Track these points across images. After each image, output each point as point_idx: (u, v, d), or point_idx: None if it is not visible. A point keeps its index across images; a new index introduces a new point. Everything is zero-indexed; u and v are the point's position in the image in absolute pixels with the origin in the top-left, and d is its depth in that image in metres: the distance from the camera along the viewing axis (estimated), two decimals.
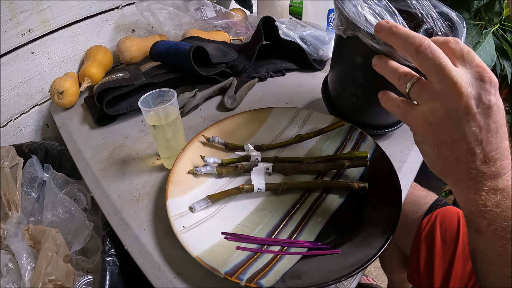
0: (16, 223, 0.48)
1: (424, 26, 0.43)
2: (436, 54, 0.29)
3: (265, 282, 0.34)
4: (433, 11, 0.43)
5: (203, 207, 0.43)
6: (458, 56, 0.30)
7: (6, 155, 0.55)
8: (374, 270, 1.15)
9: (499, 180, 0.29)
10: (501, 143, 0.29)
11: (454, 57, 0.30)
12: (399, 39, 0.31)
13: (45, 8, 0.66)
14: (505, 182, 0.29)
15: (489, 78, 0.28)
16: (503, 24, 0.76)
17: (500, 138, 0.29)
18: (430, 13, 0.42)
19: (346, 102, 0.52)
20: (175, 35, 0.81)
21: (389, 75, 0.33)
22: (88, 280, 0.47)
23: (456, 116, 0.28)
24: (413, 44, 0.30)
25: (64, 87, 0.65)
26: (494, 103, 0.28)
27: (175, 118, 0.47)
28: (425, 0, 0.43)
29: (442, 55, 0.29)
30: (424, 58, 0.29)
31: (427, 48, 0.29)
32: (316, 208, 0.44)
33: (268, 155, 0.51)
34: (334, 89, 0.54)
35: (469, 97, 0.28)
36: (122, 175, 0.52)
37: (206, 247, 0.38)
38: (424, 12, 0.43)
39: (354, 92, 0.49)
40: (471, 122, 0.28)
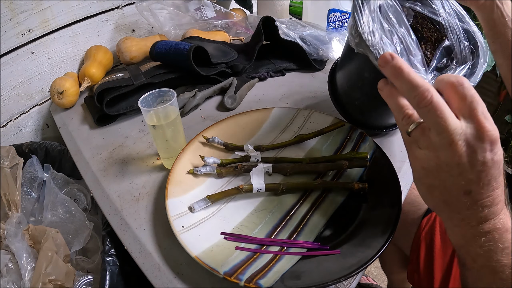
0: (16, 223, 0.48)
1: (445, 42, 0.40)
2: (437, 110, 0.28)
3: (264, 282, 0.34)
4: (459, 28, 0.40)
5: (203, 207, 0.44)
6: (462, 106, 0.29)
7: (6, 155, 0.55)
8: (374, 270, 1.15)
9: (486, 223, 0.30)
10: (492, 192, 0.29)
11: (458, 104, 0.30)
12: (402, 85, 0.30)
13: (45, 8, 0.66)
14: (491, 226, 0.30)
15: (488, 137, 0.28)
16: None
17: (491, 188, 0.29)
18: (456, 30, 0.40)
19: (350, 101, 0.52)
20: (175, 35, 0.81)
21: (394, 109, 0.33)
22: (88, 280, 0.47)
23: (448, 169, 0.29)
24: (415, 96, 0.29)
25: (64, 87, 0.65)
26: (489, 159, 0.28)
27: (175, 118, 0.47)
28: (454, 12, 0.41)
29: (443, 109, 0.28)
30: (425, 112, 0.29)
31: (429, 104, 0.28)
32: (316, 209, 0.44)
33: (268, 156, 0.51)
34: (341, 85, 0.53)
35: (463, 156, 0.28)
36: (122, 175, 0.52)
37: (205, 247, 0.38)
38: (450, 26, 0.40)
39: (360, 96, 0.49)
40: (462, 177, 0.29)
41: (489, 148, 0.28)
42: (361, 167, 0.47)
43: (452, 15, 0.41)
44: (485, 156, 0.28)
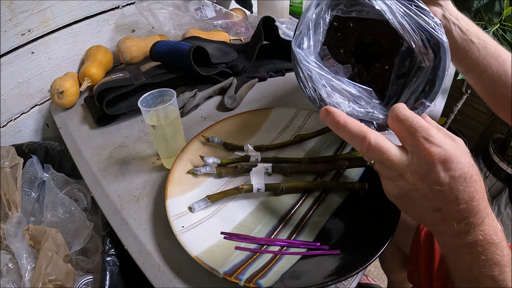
0: (16, 223, 0.48)
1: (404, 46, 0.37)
2: (378, 152, 0.30)
3: (264, 282, 0.34)
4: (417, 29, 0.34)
5: (203, 207, 0.44)
6: (405, 137, 0.30)
7: (6, 155, 0.55)
8: (374, 270, 1.15)
9: (466, 235, 0.30)
10: (465, 206, 0.29)
11: (402, 135, 0.31)
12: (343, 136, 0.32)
13: (45, 8, 0.66)
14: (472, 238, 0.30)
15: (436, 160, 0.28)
16: (503, 24, 0.76)
17: (463, 201, 0.29)
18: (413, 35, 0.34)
19: None
20: (175, 35, 0.81)
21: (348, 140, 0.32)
22: (88, 280, 0.47)
23: (410, 194, 0.30)
24: (356, 145, 0.31)
25: (64, 87, 0.65)
26: (445, 178, 0.28)
27: (175, 118, 0.47)
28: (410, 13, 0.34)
29: (384, 150, 0.30)
30: (370, 156, 0.31)
31: (369, 149, 0.30)
32: (316, 209, 0.44)
33: (267, 156, 0.51)
34: None
35: (417, 183, 0.29)
36: (122, 175, 0.52)
37: (205, 247, 0.38)
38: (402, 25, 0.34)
39: None
40: (425, 199, 0.30)
41: (442, 168, 0.28)
42: (361, 167, 0.47)
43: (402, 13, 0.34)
44: (439, 177, 0.28)
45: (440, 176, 0.28)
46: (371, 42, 0.39)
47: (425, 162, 0.29)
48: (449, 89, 0.71)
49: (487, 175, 1.35)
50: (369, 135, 0.30)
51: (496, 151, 1.31)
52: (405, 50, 0.36)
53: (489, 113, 1.42)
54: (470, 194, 0.29)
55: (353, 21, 0.38)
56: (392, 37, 0.37)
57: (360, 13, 0.36)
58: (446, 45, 0.33)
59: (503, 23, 0.76)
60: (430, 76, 0.34)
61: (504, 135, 1.34)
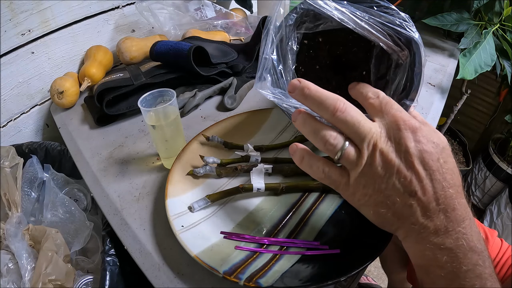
0: (16, 223, 0.48)
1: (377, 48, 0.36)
2: (352, 116, 0.28)
3: (264, 281, 0.34)
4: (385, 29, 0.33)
5: (202, 207, 0.44)
6: (377, 111, 0.29)
7: (6, 155, 0.55)
8: (374, 270, 1.15)
9: (446, 237, 0.27)
10: (443, 191, 0.27)
11: (373, 112, 0.30)
12: (313, 103, 0.30)
13: (45, 8, 0.66)
14: (453, 240, 0.27)
15: (406, 124, 0.28)
16: (503, 24, 0.76)
17: (439, 185, 0.27)
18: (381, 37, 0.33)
19: None
20: (175, 35, 0.81)
21: (309, 137, 0.31)
22: (88, 280, 0.47)
23: (382, 173, 0.28)
24: (328, 108, 0.28)
25: (64, 87, 0.65)
26: (418, 149, 0.27)
27: (175, 118, 0.47)
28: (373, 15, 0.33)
29: (358, 115, 0.28)
30: (341, 121, 0.28)
31: (344, 110, 0.28)
32: (316, 208, 0.44)
33: (267, 156, 0.51)
34: None
35: (388, 152, 0.27)
36: (122, 175, 0.52)
37: (205, 247, 0.38)
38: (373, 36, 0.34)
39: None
40: (397, 175, 0.27)
41: (412, 137, 0.27)
42: None
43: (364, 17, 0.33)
44: (408, 145, 0.27)
45: (410, 144, 0.27)
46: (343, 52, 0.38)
47: (395, 127, 0.28)
48: (449, 89, 0.71)
49: (487, 175, 1.35)
50: (342, 98, 0.29)
51: (496, 151, 1.31)
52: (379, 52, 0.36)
53: (489, 113, 1.42)
54: (446, 179, 0.27)
55: (321, 35, 0.38)
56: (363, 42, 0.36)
57: (326, 26, 0.36)
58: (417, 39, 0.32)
59: (503, 23, 0.76)
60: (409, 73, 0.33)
61: (504, 135, 1.34)
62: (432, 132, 0.29)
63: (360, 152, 0.29)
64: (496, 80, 1.20)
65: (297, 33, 0.37)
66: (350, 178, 0.30)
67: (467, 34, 0.74)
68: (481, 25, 0.76)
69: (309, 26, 0.37)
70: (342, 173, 0.30)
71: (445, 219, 0.27)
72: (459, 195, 0.28)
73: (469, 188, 1.48)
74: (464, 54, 0.71)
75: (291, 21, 0.36)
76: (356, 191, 0.30)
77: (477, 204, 1.45)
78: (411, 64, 0.33)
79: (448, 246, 0.27)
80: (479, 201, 1.43)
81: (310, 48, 0.39)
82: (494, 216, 1.28)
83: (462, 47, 0.72)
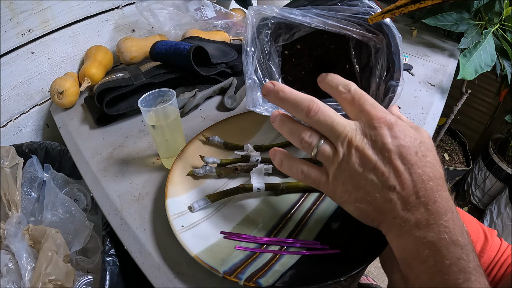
0: (16, 223, 0.48)
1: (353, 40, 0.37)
2: (326, 115, 0.29)
3: (264, 281, 0.34)
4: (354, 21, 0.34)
5: (202, 207, 0.44)
6: (351, 106, 0.30)
7: (6, 155, 0.55)
8: (374, 270, 1.15)
9: (428, 230, 0.27)
10: (422, 184, 0.27)
11: (347, 108, 0.30)
12: (288, 105, 0.30)
13: (45, 8, 0.66)
14: (435, 234, 0.27)
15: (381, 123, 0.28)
16: (503, 24, 0.76)
17: (419, 179, 0.27)
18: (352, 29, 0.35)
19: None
20: (175, 35, 0.81)
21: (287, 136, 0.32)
22: (88, 280, 0.47)
23: (360, 170, 0.28)
24: (303, 109, 0.29)
25: (64, 87, 0.65)
26: (395, 145, 0.27)
27: (175, 118, 0.47)
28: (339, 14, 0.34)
29: (332, 113, 0.29)
30: (316, 122, 0.29)
31: (317, 111, 0.29)
32: (316, 208, 0.44)
33: (268, 156, 0.51)
34: None
35: (364, 148, 0.28)
36: (122, 175, 0.52)
37: (205, 247, 0.38)
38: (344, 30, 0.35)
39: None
40: (374, 171, 0.28)
41: (388, 133, 0.28)
42: None
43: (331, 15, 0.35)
44: (384, 141, 0.27)
45: (387, 140, 0.27)
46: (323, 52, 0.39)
47: (370, 125, 0.28)
48: (449, 89, 0.71)
49: (487, 175, 1.35)
50: (317, 100, 0.29)
51: (496, 151, 1.31)
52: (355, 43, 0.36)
53: (489, 113, 1.42)
54: (425, 172, 0.27)
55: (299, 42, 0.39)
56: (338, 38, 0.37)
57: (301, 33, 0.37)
58: (385, 21, 0.33)
59: (503, 23, 0.76)
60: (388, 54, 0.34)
61: (504, 135, 1.34)
62: (409, 126, 0.29)
63: (335, 149, 0.29)
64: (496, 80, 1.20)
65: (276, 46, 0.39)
66: (329, 175, 0.30)
67: (467, 34, 0.74)
68: (481, 25, 0.76)
69: (285, 37, 0.39)
70: (321, 171, 0.31)
71: (426, 212, 0.27)
72: (441, 188, 0.28)
73: (469, 188, 1.48)
74: (464, 54, 0.71)
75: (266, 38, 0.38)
76: (336, 189, 0.30)
77: (477, 204, 1.45)
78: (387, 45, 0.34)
79: (430, 240, 0.27)
80: (479, 201, 1.43)
81: (292, 56, 0.41)
82: (494, 216, 1.28)
83: (462, 47, 0.72)
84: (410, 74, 0.75)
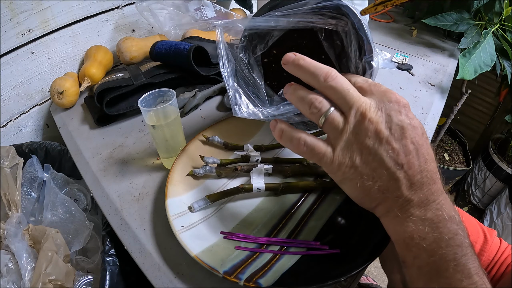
0: (16, 223, 0.48)
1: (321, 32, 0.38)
2: (343, 83, 0.29)
3: (264, 281, 0.34)
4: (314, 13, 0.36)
5: (202, 207, 0.44)
6: (366, 89, 0.30)
7: (6, 155, 0.55)
8: (374, 270, 1.15)
9: (427, 208, 0.28)
10: (426, 165, 0.28)
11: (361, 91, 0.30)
12: (306, 72, 0.30)
13: (45, 8, 0.66)
14: (433, 211, 0.27)
15: (397, 99, 0.28)
16: (503, 24, 0.76)
17: (423, 159, 0.28)
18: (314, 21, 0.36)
19: None
20: (175, 35, 0.81)
21: (301, 103, 0.31)
22: (88, 280, 0.47)
23: (370, 143, 0.28)
24: (320, 75, 0.29)
25: (64, 87, 0.65)
26: (408, 123, 0.28)
27: (175, 118, 0.47)
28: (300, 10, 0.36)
29: (349, 85, 0.29)
30: (332, 87, 0.29)
31: (335, 78, 0.29)
32: (316, 208, 0.44)
33: (267, 156, 0.51)
34: None
35: (378, 122, 0.28)
36: (122, 175, 0.52)
37: (205, 247, 0.38)
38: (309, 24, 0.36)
39: None
40: (385, 146, 0.28)
41: (404, 112, 0.28)
42: None
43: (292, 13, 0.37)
44: (402, 120, 0.28)
45: (402, 118, 0.28)
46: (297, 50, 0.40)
47: (387, 99, 0.28)
48: (449, 89, 0.71)
49: (487, 175, 1.35)
50: (335, 70, 0.30)
51: (496, 151, 1.31)
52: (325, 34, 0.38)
53: (489, 113, 1.42)
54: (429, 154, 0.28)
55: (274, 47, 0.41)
56: (307, 33, 0.39)
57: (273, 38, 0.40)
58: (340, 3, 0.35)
59: (503, 23, 0.76)
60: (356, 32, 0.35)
61: (504, 135, 1.34)
62: None
63: (346, 119, 0.29)
64: (496, 80, 1.20)
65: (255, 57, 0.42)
66: (335, 148, 0.29)
67: (467, 34, 0.74)
68: (481, 25, 0.76)
69: (261, 46, 0.41)
70: (326, 143, 0.30)
71: (427, 191, 0.28)
72: (436, 170, 0.29)
73: (469, 188, 1.48)
74: (464, 54, 0.71)
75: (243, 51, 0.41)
76: (342, 163, 0.29)
77: (477, 204, 1.45)
78: (352, 25, 0.35)
79: (429, 217, 0.27)
80: (479, 201, 1.43)
81: (272, 62, 0.43)
82: (494, 216, 1.28)
83: (462, 47, 0.72)
84: (410, 74, 0.75)
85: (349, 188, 0.31)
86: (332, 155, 0.30)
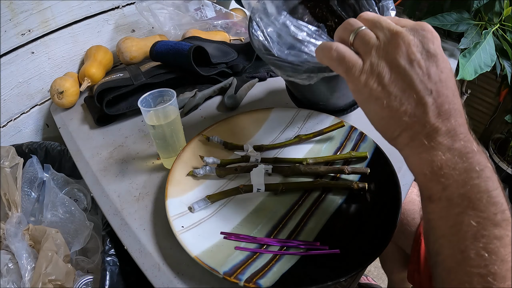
0: (16, 223, 0.48)
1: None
2: (374, 14, 0.30)
3: (264, 282, 0.34)
4: None
5: (202, 207, 0.44)
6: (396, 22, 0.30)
7: (6, 155, 0.55)
8: (374, 270, 1.15)
9: (455, 139, 0.26)
10: (454, 98, 0.27)
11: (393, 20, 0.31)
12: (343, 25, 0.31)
13: (45, 8, 0.66)
14: (462, 143, 0.26)
15: (430, 29, 0.28)
16: (503, 24, 0.76)
17: (451, 91, 0.27)
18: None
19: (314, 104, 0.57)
20: (175, 35, 0.81)
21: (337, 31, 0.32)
22: (88, 280, 0.47)
23: (401, 63, 0.27)
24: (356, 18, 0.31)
25: (64, 87, 0.65)
26: (439, 52, 0.28)
27: (175, 118, 0.47)
28: None
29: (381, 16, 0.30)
30: (365, 18, 0.30)
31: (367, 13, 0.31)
32: (316, 209, 0.44)
33: (267, 156, 0.51)
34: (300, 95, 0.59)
35: (410, 44, 0.27)
36: (122, 175, 0.52)
37: (205, 247, 0.38)
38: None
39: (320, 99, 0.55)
40: (416, 69, 0.27)
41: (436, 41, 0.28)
42: (361, 174, 0.46)
43: None
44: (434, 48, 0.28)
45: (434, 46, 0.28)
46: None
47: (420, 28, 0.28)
48: None
49: None
50: None
51: (496, 151, 1.31)
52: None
53: (489, 113, 1.42)
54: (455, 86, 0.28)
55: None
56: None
57: None
58: None
59: (503, 23, 0.76)
60: None
61: (504, 135, 1.34)
62: None
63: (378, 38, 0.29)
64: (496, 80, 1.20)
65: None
66: (365, 61, 0.29)
67: (467, 34, 0.74)
68: (481, 25, 0.76)
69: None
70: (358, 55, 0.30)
71: (455, 123, 0.27)
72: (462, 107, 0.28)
73: None
74: (464, 54, 0.71)
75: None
76: (370, 79, 0.28)
77: None
78: None
79: (458, 147, 0.26)
80: None
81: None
82: None
83: (462, 47, 0.72)
84: None
85: (374, 108, 0.29)
86: (361, 67, 0.29)
